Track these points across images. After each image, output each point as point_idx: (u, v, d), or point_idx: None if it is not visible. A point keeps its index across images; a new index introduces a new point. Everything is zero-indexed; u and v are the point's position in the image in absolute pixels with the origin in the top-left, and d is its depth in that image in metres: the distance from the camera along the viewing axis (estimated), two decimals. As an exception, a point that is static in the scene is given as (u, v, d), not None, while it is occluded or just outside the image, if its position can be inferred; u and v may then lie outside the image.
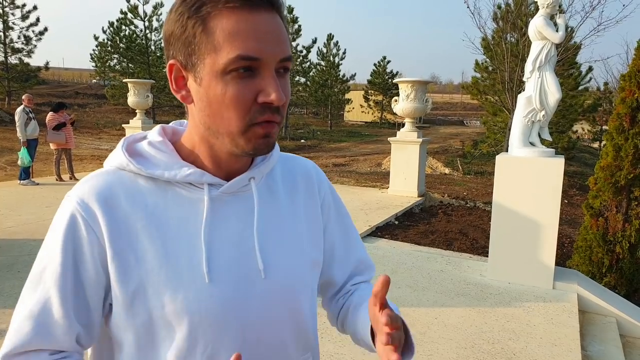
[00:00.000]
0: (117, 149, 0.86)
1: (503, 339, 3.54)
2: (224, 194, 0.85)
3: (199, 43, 0.75)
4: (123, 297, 0.78)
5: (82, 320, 0.80)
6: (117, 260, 0.78)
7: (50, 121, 9.28)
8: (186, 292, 0.78)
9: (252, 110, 0.75)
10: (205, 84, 0.76)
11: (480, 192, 10.24)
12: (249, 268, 0.84)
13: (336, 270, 1.04)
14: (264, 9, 0.74)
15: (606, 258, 5.29)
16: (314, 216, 0.97)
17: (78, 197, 0.79)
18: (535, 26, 4.53)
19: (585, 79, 16.65)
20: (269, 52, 0.74)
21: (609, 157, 5.31)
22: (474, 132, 30.63)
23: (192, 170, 0.82)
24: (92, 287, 0.79)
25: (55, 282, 0.77)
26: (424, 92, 8.66)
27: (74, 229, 0.78)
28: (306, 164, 1.03)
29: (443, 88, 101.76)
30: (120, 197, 0.80)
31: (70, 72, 62.91)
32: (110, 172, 0.83)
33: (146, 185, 0.82)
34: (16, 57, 28.26)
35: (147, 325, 0.79)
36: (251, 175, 0.87)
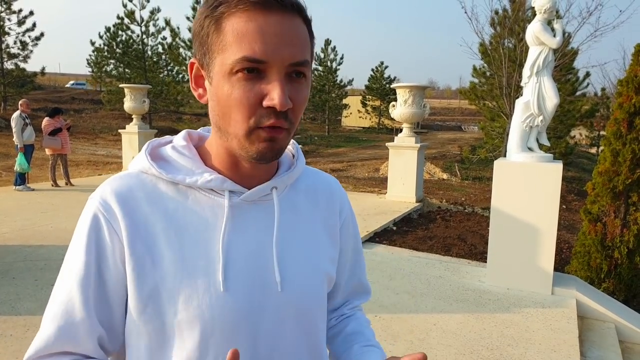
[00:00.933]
0: (141, 152, 0.86)
1: (502, 345, 3.51)
2: (245, 202, 0.84)
3: (211, 42, 0.75)
4: (137, 300, 0.78)
5: (104, 322, 0.79)
6: (134, 262, 0.78)
7: (46, 126, 9.25)
8: (200, 300, 0.77)
9: (258, 114, 0.74)
10: (215, 84, 0.76)
11: (478, 197, 10.23)
12: (265, 279, 0.82)
13: (338, 292, 1.04)
14: (278, 11, 0.73)
15: (604, 263, 5.28)
16: (332, 233, 0.96)
17: (100, 198, 0.80)
18: (533, 31, 4.53)
19: (583, 84, 16.73)
20: (277, 55, 0.72)
21: (606, 163, 5.31)
22: (471, 137, 30.70)
23: (214, 176, 0.81)
24: (114, 286, 0.79)
25: (78, 282, 0.78)
26: (422, 98, 8.66)
27: (97, 228, 0.79)
28: (330, 182, 1.01)
29: (441, 93, 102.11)
30: (141, 200, 0.80)
31: (67, 78, 62.86)
32: (132, 174, 0.84)
33: (167, 190, 0.82)
34: (12, 63, 28.21)
35: (159, 331, 0.78)
36: (273, 185, 0.86)
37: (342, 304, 1.07)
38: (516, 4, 12.77)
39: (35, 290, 4.28)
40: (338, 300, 1.06)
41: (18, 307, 3.93)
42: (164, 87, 28.31)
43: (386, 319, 3.88)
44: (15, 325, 3.61)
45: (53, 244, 5.61)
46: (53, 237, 5.88)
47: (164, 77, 29.76)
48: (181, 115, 33.39)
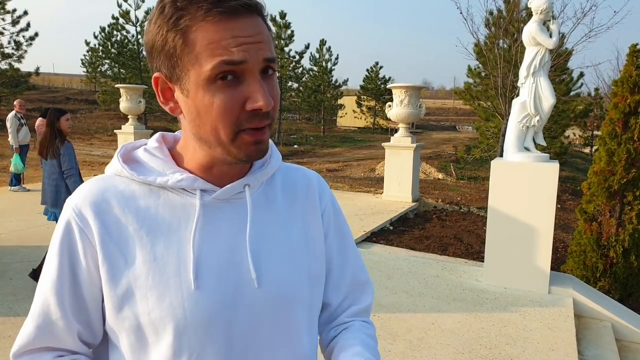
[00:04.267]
0: (115, 155, 0.88)
1: (500, 344, 3.53)
2: (217, 200, 0.84)
3: (181, 56, 0.75)
4: (112, 301, 0.80)
5: (81, 319, 0.83)
6: (107, 264, 0.79)
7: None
8: (172, 298, 0.78)
9: (240, 118, 0.75)
10: (192, 96, 0.76)
11: (473, 197, 10.27)
12: (240, 276, 0.82)
13: (330, 289, 1.00)
14: (243, 15, 0.74)
15: (600, 262, 5.32)
16: (313, 227, 0.95)
17: (73, 204, 0.82)
18: (529, 32, 4.56)
19: (577, 84, 16.81)
20: (252, 54, 0.74)
21: (602, 162, 5.35)
22: (466, 137, 30.78)
23: (185, 175, 0.83)
24: (88, 288, 0.82)
25: (52, 285, 0.81)
26: (418, 98, 8.69)
27: (69, 234, 0.81)
28: (309, 175, 1.01)
29: (435, 94, 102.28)
30: (113, 202, 0.82)
31: (61, 78, 62.51)
32: (106, 178, 0.86)
33: (139, 191, 0.84)
34: (6, 63, 28.04)
35: (136, 330, 0.80)
36: (246, 182, 0.86)
37: (343, 310, 1.02)
38: (511, 4, 12.83)
39: (33, 292, 4.26)
40: (334, 301, 1.01)
41: (16, 308, 3.91)
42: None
43: (384, 318, 3.90)
44: (13, 326, 3.60)
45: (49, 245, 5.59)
46: (49, 238, 5.84)
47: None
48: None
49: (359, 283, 1.04)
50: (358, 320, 1.03)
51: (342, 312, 1.03)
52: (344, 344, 0.96)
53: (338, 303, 1.02)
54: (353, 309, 1.03)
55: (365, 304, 1.05)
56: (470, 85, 16.26)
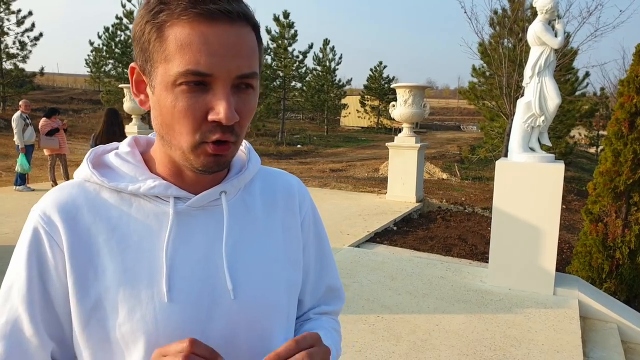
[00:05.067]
0: (84, 160, 0.83)
1: (505, 346, 3.51)
2: (192, 208, 0.80)
3: (153, 50, 0.72)
4: (80, 314, 0.75)
5: (54, 335, 0.77)
6: (76, 275, 0.75)
7: (43, 127, 9.23)
8: (143, 311, 0.74)
9: (203, 128, 0.71)
10: (157, 93, 0.73)
11: (478, 197, 10.23)
12: (215, 287, 0.78)
13: (306, 295, 0.99)
14: (224, 21, 0.69)
15: (606, 264, 5.28)
16: (292, 235, 0.92)
17: (40, 211, 0.77)
18: (534, 32, 4.53)
19: (582, 84, 16.74)
20: (222, 68, 0.69)
21: (608, 163, 5.31)
22: (470, 137, 30.71)
23: (158, 182, 0.79)
24: (60, 300, 0.76)
25: (22, 300, 0.75)
26: (422, 97, 8.66)
27: (38, 243, 0.76)
28: (289, 180, 0.97)
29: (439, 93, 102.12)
30: (83, 210, 0.78)
31: (65, 78, 62.76)
32: (75, 184, 0.81)
33: (110, 198, 0.79)
34: (11, 63, 28.18)
35: (104, 345, 0.75)
36: (222, 189, 0.82)
37: (312, 307, 1.02)
38: (516, 3, 12.78)
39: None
40: (308, 304, 1.01)
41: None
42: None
43: (388, 319, 3.88)
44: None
45: (54, 245, 5.59)
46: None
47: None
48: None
49: (333, 290, 1.04)
50: (325, 315, 1.03)
51: (309, 309, 1.03)
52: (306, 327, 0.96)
53: (310, 307, 1.01)
54: (322, 308, 1.03)
55: (335, 307, 1.05)
56: (474, 85, 16.23)
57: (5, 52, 27.83)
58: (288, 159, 20.87)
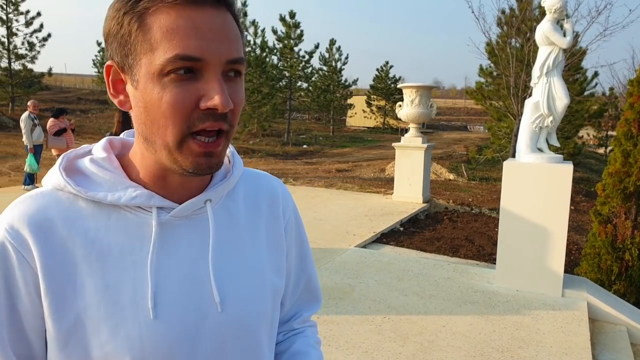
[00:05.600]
0: (55, 166, 0.76)
1: (512, 348, 3.48)
2: (175, 218, 0.76)
3: (135, 42, 0.67)
4: (57, 335, 0.69)
5: (22, 355, 0.72)
6: (52, 294, 0.69)
7: (51, 127, 9.28)
8: (128, 329, 0.70)
9: (192, 117, 0.67)
10: (141, 88, 0.68)
11: (485, 198, 10.18)
12: (202, 301, 0.75)
13: (287, 297, 0.98)
14: (209, 5, 0.67)
15: (615, 265, 5.23)
16: (276, 240, 0.89)
17: (7, 224, 0.70)
18: (543, 31, 4.50)
19: (591, 84, 16.62)
20: (213, 51, 0.66)
21: (617, 163, 5.26)
22: (477, 137, 30.60)
23: (139, 191, 0.73)
24: (29, 319, 0.71)
25: None
26: (429, 97, 8.63)
27: (4, 259, 0.69)
28: (273, 183, 0.94)
29: (446, 93, 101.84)
30: (57, 223, 0.71)
31: (73, 78, 63.16)
32: (45, 193, 0.74)
33: (87, 208, 0.73)
34: (20, 63, 28.40)
35: None
36: (207, 198, 0.78)
37: (292, 315, 1.01)
38: (523, 3, 12.71)
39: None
40: (286, 308, 0.99)
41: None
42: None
43: (395, 320, 3.86)
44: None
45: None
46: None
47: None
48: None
49: (311, 290, 1.03)
50: (306, 326, 1.02)
51: (291, 316, 1.01)
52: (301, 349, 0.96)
53: (289, 306, 1.00)
54: (304, 316, 1.02)
55: (314, 310, 1.05)
56: (481, 85, 16.16)
57: (14, 52, 28.06)
58: (294, 159, 20.88)
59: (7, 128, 22.47)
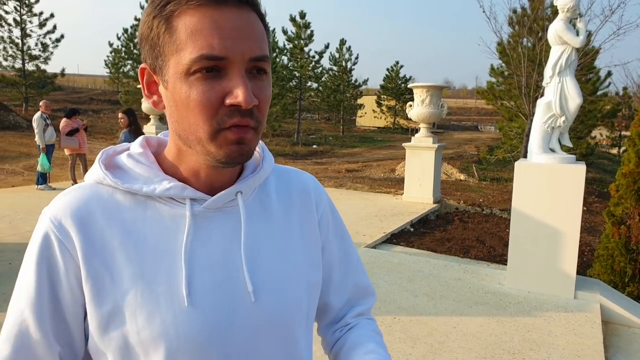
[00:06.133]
0: (95, 161, 0.81)
1: (524, 349, 3.46)
2: (208, 210, 0.78)
3: (163, 44, 0.71)
4: (98, 320, 0.73)
5: (62, 340, 0.75)
6: (92, 281, 0.73)
7: (64, 127, 9.38)
8: (163, 316, 0.72)
9: (220, 114, 0.70)
10: (170, 87, 0.71)
11: (496, 198, 10.11)
12: (236, 290, 0.77)
13: (332, 295, 0.97)
14: (232, 5, 0.69)
15: (629, 267, 5.17)
16: (310, 234, 0.90)
17: (52, 215, 0.75)
18: (555, 30, 4.45)
19: (604, 83, 16.42)
20: (236, 50, 0.68)
21: (631, 164, 5.20)
22: (488, 137, 30.40)
23: (173, 184, 0.76)
24: (70, 307, 0.74)
25: (30, 304, 0.74)
26: (439, 97, 8.59)
27: (48, 248, 0.74)
28: (304, 178, 0.96)
29: (456, 93, 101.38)
30: (96, 214, 0.75)
31: (85, 78, 63.76)
32: (87, 186, 0.79)
33: (124, 200, 0.77)
34: (33, 64, 28.74)
35: (123, 351, 0.73)
36: (238, 190, 0.80)
37: (346, 312, 1.00)
38: (535, 2, 12.60)
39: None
40: (338, 305, 0.98)
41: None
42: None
43: (405, 321, 3.85)
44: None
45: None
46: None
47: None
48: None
49: (361, 286, 1.01)
50: (362, 318, 1.00)
51: (345, 314, 1.00)
52: (355, 341, 0.93)
53: (341, 306, 0.99)
54: (356, 310, 1.00)
55: (367, 305, 1.03)
56: (493, 85, 16.05)
57: (28, 53, 28.40)
58: (304, 159, 20.89)
59: (20, 128, 22.75)
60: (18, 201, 8.18)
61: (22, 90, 28.15)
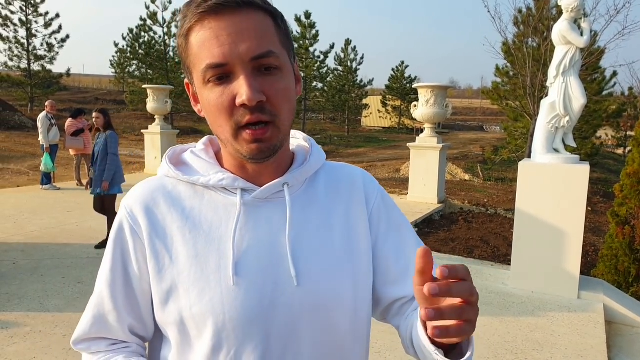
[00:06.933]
0: (163, 158, 0.92)
1: (527, 349, 3.46)
2: (257, 200, 0.85)
3: (186, 59, 0.80)
4: (159, 295, 0.84)
5: (132, 313, 0.88)
6: (154, 260, 0.84)
7: (69, 127, 9.42)
8: (212, 294, 0.80)
9: (236, 114, 0.76)
10: (200, 96, 0.81)
11: (501, 198, 10.09)
12: (279, 274, 0.82)
13: (392, 286, 0.94)
14: (228, 11, 0.74)
15: (633, 267, 5.16)
16: (359, 227, 0.92)
17: (126, 204, 0.88)
18: (560, 31, 4.45)
19: (610, 83, 16.35)
20: (234, 53, 0.74)
21: (635, 164, 5.18)
22: (494, 137, 30.32)
23: (226, 175, 0.85)
24: (138, 283, 0.86)
25: (106, 281, 0.88)
26: (444, 97, 8.59)
27: (122, 232, 0.87)
28: (354, 173, 0.98)
29: (462, 93, 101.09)
30: (161, 201, 0.87)
31: (91, 79, 64.02)
32: (156, 178, 0.91)
33: (185, 191, 0.88)
34: (39, 64, 28.88)
35: (180, 324, 0.82)
36: (285, 181, 0.86)
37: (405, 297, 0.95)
38: (541, 2, 12.56)
39: (63, 288, 4.37)
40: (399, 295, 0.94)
41: (46, 304, 4.01)
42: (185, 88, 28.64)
43: (408, 321, 3.86)
44: (44, 321, 3.69)
45: (79, 242, 5.72)
46: (79, 236, 5.99)
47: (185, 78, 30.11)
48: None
49: None
50: None
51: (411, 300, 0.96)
52: None
53: (404, 295, 0.94)
54: None
55: None
56: (498, 85, 16.01)
57: (34, 53, 28.54)
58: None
59: (26, 128, 22.87)
60: (23, 201, 8.23)
61: (28, 91, 28.29)
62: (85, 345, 0.91)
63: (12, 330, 3.54)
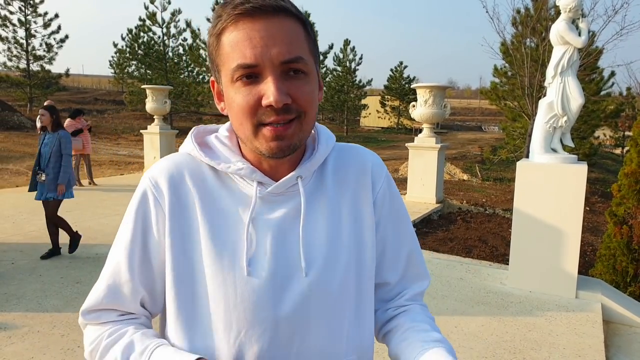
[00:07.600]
0: (188, 136, 0.95)
1: (525, 349, 3.47)
2: (272, 194, 0.89)
3: (216, 58, 0.83)
4: (173, 271, 0.86)
5: (146, 285, 0.90)
6: (173, 235, 0.87)
7: (68, 127, 9.40)
8: (225, 277, 0.84)
9: (259, 113, 0.79)
10: (225, 94, 0.84)
11: (499, 198, 10.10)
12: (290, 265, 0.86)
13: (385, 271, 1.00)
14: (262, 16, 0.78)
15: (631, 267, 5.17)
16: (364, 214, 0.95)
17: (151, 175, 0.90)
18: (558, 31, 4.46)
19: (608, 84, 16.36)
20: (265, 56, 0.77)
21: (633, 164, 5.20)
22: (492, 137, 30.33)
23: (246, 165, 0.88)
24: (156, 254, 0.89)
25: (124, 248, 0.89)
26: (442, 98, 8.60)
27: (145, 202, 0.89)
28: (364, 156, 1.00)
29: (460, 93, 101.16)
30: (185, 177, 0.89)
31: (90, 79, 63.94)
32: (181, 154, 0.94)
33: (208, 172, 0.90)
34: (38, 64, 28.84)
35: (191, 301, 0.86)
36: (298, 175, 0.89)
37: (398, 292, 1.02)
38: (539, 2, 12.58)
39: (61, 288, 4.37)
40: (390, 281, 1.01)
41: (44, 304, 4.01)
42: (185, 88, 28.61)
43: (407, 320, 3.86)
44: (42, 321, 3.69)
45: (77, 243, 5.71)
46: (77, 236, 5.97)
47: (184, 78, 30.08)
48: (201, 115, 33.69)
49: (415, 266, 1.03)
50: (416, 304, 1.02)
51: (398, 292, 1.02)
52: (415, 326, 0.95)
53: (395, 281, 1.01)
54: (410, 291, 1.02)
55: (421, 288, 1.04)
56: (496, 85, 16.02)
57: (33, 54, 28.50)
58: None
59: (25, 128, 22.84)
60: (21, 201, 8.22)
61: (27, 91, 28.26)
62: (95, 315, 0.91)
63: (10, 330, 3.54)
